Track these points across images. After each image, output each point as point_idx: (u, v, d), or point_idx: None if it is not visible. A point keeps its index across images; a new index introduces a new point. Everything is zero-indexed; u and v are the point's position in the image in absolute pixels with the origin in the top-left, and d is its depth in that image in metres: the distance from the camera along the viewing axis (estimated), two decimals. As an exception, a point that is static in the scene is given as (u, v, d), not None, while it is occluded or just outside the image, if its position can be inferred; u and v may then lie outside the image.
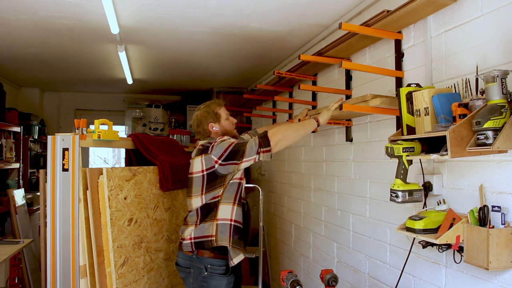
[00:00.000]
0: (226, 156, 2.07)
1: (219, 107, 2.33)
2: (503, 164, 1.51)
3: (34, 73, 4.70)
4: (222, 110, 2.33)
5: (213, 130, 2.28)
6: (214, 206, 2.14)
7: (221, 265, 2.13)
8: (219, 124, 2.29)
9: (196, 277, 2.15)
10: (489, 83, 1.39)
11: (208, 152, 2.12)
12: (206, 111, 2.30)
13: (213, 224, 2.13)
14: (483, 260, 1.44)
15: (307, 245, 3.38)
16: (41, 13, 2.68)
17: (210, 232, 2.12)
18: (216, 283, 2.12)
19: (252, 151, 2.04)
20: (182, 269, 2.21)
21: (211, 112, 2.29)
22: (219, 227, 2.12)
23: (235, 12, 2.63)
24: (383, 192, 2.28)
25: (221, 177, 2.12)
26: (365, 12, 2.43)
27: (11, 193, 3.90)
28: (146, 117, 5.66)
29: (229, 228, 2.12)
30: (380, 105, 1.96)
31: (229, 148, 2.07)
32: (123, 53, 3.49)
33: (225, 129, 2.31)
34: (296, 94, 3.66)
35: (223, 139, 2.15)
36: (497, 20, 1.55)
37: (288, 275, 1.97)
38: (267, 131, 2.10)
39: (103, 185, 2.17)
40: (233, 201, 2.16)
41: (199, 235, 2.14)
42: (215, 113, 2.30)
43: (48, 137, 2.17)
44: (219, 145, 2.11)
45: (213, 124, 2.28)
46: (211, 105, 2.33)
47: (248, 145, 2.05)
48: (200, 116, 2.30)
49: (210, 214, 2.14)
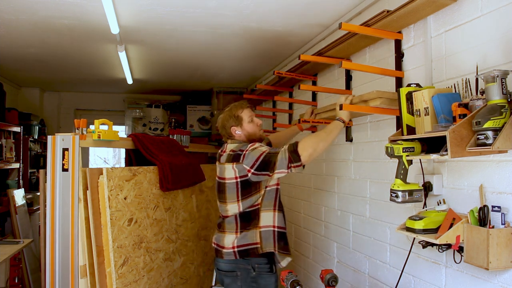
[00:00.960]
0: (258, 166, 2.04)
1: (241, 110, 2.28)
2: (503, 164, 1.51)
3: (34, 73, 4.70)
4: (244, 112, 2.27)
5: (235, 134, 2.26)
6: (255, 214, 2.13)
7: (268, 262, 2.15)
8: (241, 128, 2.25)
9: (244, 279, 2.13)
10: (489, 83, 1.39)
11: (240, 161, 2.09)
12: (228, 114, 2.27)
13: (256, 232, 2.12)
14: (483, 260, 1.44)
15: (307, 245, 3.38)
16: (41, 13, 2.68)
17: (255, 240, 2.12)
18: (266, 281, 2.14)
19: (283, 164, 2.00)
20: (228, 274, 2.17)
21: (232, 115, 2.25)
22: (263, 234, 2.12)
23: (235, 12, 2.63)
24: (383, 192, 2.27)
25: (255, 184, 2.12)
26: (365, 12, 2.43)
27: (11, 193, 3.90)
28: (146, 117, 5.66)
29: (273, 234, 2.13)
30: (380, 105, 1.96)
31: (260, 158, 2.04)
32: (123, 53, 3.49)
33: (248, 132, 2.27)
34: (296, 94, 3.66)
35: (254, 147, 2.11)
36: (497, 20, 1.55)
37: (288, 275, 1.97)
38: (297, 144, 2.01)
39: (103, 185, 2.17)
40: (273, 208, 2.16)
41: (243, 243, 2.12)
42: (237, 116, 2.25)
43: (48, 137, 2.17)
44: (251, 153, 2.07)
45: (235, 128, 2.25)
46: (233, 108, 2.29)
47: (279, 157, 2.01)
48: (223, 120, 2.27)
49: (252, 222, 2.13)
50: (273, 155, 2.03)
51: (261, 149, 2.09)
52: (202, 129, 5.70)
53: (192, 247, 2.96)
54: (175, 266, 2.71)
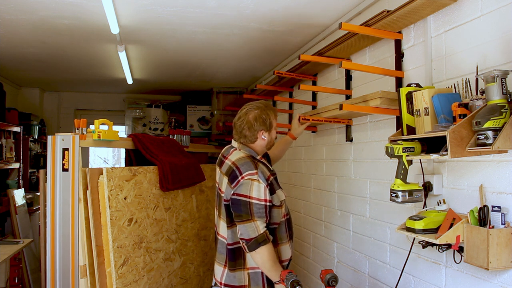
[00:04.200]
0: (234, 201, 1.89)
1: (274, 116, 2.09)
2: (503, 164, 1.51)
3: (34, 73, 4.70)
4: (274, 121, 2.09)
5: (261, 138, 2.04)
6: (240, 254, 1.96)
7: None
8: (269, 134, 2.06)
9: None
10: (489, 83, 1.39)
11: (233, 186, 1.91)
12: (263, 118, 2.02)
13: (244, 273, 1.96)
14: (483, 260, 1.44)
15: (307, 245, 3.38)
16: (41, 13, 2.68)
17: (243, 282, 1.96)
18: None
19: (246, 233, 1.85)
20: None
21: (266, 119, 2.03)
22: (251, 276, 1.96)
23: (235, 12, 2.63)
24: (383, 192, 2.28)
25: None
26: (365, 12, 2.43)
27: (11, 193, 3.90)
28: (146, 117, 5.67)
29: (261, 276, 1.96)
30: (380, 105, 1.96)
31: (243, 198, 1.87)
32: (123, 53, 3.49)
33: (271, 140, 2.09)
34: (296, 94, 3.66)
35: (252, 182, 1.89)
36: (497, 20, 1.55)
37: (288, 275, 1.96)
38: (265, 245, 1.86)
39: (103, 185, 2.17)
40: None
41: (230, 284, 1.97)
42: (270, 123, 2.05)
43: (48, 137, 2.17)
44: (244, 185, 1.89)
45: (264, 133, 2.04)
46: (267, 111, 2.04)
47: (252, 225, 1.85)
48: (254, 120, 2.01)
49: (238, 262, 1.97)
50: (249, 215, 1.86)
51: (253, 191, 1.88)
52: (202, 129, 5.71)
53: (192, 247, 2.96)
54: (175, 266, 2.71)
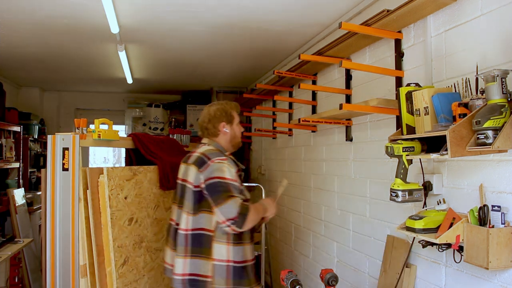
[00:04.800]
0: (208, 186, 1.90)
1: (235, 111, 2.20)
2: (503, 163, 1.51)
3: (34, 73, 4.70)
4: (236, 114, 2.20)
5: (223, 131, 2.13)
6: (207, 243, 1.92)
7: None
8: (231, 127, 2.15)
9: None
10: (489, 83, 1.39)
11: (201, 169, 1.94)
12: (223, 109, 2.15)
13: (208, 263, 1.91)
14: (483, 259, 1.44)
15: (307, 245, 3.38)
16: (41, 13, 2.68)
17: (206, 272, 1.90)
18: None
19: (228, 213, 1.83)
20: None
21: (225, 111, 2.15)
22: (216, 268, 1.91)
23: (235, 11, 2.63)
24: (383, 192, 2.27)
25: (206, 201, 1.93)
26: (365, 11, 2.43)
27: (11, 192, 3.90)
28: (146, 116, 5.66)
29: (226, 269, 1.91)
30: (379, 104, 1.96)
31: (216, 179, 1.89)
32: (123, 52, 3.49)
33: (234, 134, 2.17)
34: (296, 93, 3.66)
35: (222, 164, 1.95)
36: (497, 19, 1.55)
37: (288, 274, 1.97)
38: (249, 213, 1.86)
39: (103, 185, 2.18)
40: (227, 241, 1.92)
41: (193, 272, 1.91)
42: (230, 114, 2.16)
43: (48, 136, 2.17)
44: (213, 168, 1.93)
45: (225, 125, 2.13)
46: (227, 105, 2.18)
47: (231, 203, 1.84)
48: (214, 113, 2.13)
49: (204, 251, 1.91)
50: (229, 192, 1.87)
51: (226, 172, 1.93)
52: (202, 129, 5.70)
53: (192, 246, 2.96)
54: (175, 266, 2.72)
